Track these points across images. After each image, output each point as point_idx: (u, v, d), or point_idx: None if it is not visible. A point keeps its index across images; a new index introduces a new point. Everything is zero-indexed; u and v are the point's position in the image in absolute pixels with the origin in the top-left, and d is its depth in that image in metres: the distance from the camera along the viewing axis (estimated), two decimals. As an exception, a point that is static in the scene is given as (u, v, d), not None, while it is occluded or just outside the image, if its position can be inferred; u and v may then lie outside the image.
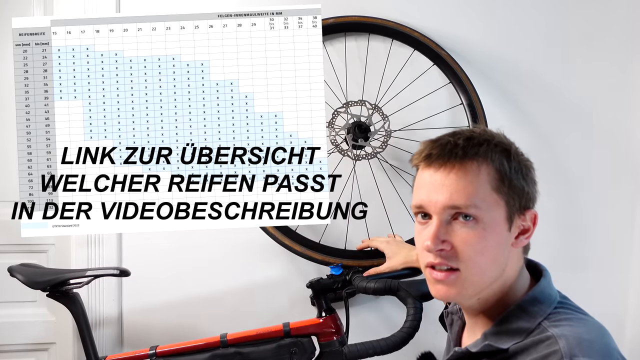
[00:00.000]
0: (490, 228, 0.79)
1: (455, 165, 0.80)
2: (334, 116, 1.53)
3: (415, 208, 0.84)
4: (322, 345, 1.35)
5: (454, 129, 0.90)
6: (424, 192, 0.82)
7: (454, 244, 0.79)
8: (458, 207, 0.79)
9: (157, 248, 1.57)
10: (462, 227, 0.79)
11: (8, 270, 1.39)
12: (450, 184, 0.80)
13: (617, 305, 1.72)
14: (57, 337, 1.63)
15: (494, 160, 0.81)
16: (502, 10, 1.64)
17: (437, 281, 0.81)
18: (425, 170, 0.83)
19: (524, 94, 1.66)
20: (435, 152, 0.82)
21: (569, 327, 0.76)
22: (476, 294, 0.82)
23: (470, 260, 0.79)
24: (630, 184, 1.71)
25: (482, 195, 0.79)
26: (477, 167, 0.80)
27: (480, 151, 0.81)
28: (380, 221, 1.59)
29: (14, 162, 1.59)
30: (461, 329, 0.95)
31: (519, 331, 0.79)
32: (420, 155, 0.84)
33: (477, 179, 0.80)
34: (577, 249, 1.71)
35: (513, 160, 0.82)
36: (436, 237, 0.79)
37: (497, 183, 0.80)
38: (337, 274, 1.42)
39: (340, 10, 1.57)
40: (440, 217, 0.80)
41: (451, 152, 0.81)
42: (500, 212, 0.80)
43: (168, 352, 1.34)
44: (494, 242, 0.80)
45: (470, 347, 0.83)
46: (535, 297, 0.82)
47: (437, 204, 0.80)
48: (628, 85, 1.69)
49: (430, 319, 1.31)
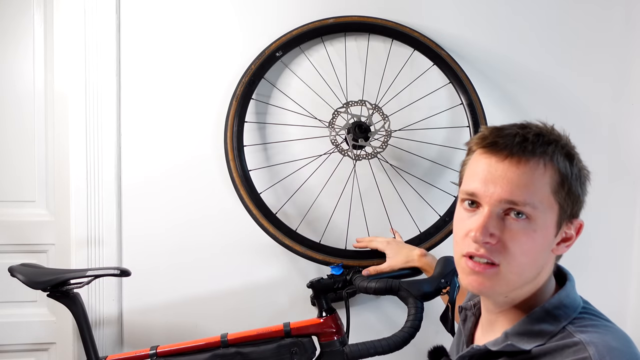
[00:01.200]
0: (541, 230, 0.78)
1: (522, 160, 0.77)
2: (334, 116, 1.53)
3: (466, 194, 0.81)
4: (323, 345, 1.35)
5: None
6: (481, 180, 0.78)
7: (502, 238, 0.77)
8: (515, 202, 0.76)
9: (157, 248, 1.57)
10: (514, 223, 0.77)
11: (8, 270, 1.39)
12: (513, 177, 0.76)
13: (617, 305, 1.72)
14: (57, 337, 1.62)
15: (558, 162, 0.78)
16: (502, 10, 1.65)
17: (474, 272, 0.79)
18: (485, 157, 0.79)
19: (524, 94, 1.67)
20: (502, 141, 0.78)
21: (596, 334, 0.75)
22: (508, 292, 0.81)
23: (514, 258, 0.77)
24: (630, 184, 1.72)
25: (541, 196, 0.77)
26: (543, 167, 0.77)
27: (549, 150, 0.78)
28: (380, 221, 1.59)
29: (15, 162, 1.61)
30: (474, 325, 0.94)
31: (542, 333, 0.78)
32: (484, 141, 0.80)
33: (541, 177, 0.77)
34: (577, 249, 1.70)
35: (575, 166, 0.80)
36: (485, 228, 0.76)
37: (557, 186, 0.78)
38: (338, 273, 1.42)
39: (340, 10, 1.57)
40: (493, 209, 0.77)
41: (520, 145, 0.77)
42: (553, 216, 0.79)
43: (168, 352, 1.34)
44: (540, 245, 0.78)
45: (489, 345, 0.82)
46: (561, 300, 0.81)
47: (493, 195, 0.77)
48: (628, 85, 1.69)
49: (431, 318, 1.31)
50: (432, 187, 1.61)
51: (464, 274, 0.81)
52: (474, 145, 0.82)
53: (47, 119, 1.61)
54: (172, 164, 1.57)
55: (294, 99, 1.58)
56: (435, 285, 1.23)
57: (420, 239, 1.53)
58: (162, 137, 1.56)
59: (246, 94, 1.50)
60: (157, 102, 1.56)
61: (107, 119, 1.54)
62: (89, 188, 1.54)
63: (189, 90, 1.56)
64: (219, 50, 1.56)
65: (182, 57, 1.56)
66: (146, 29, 1.55)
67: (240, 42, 1.57)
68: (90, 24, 1.52)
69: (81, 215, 1.54)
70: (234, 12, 1.57)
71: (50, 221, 1.62)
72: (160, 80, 1.56)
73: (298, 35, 1.54)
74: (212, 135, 1.56)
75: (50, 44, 1.59)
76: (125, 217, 1.56)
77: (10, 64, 1.60)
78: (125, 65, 1.54)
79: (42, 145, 1.61)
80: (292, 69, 1.59)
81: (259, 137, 1.58)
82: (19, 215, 1.61)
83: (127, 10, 1.54)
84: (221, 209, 1.57)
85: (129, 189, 1.56)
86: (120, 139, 1.55)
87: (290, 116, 1.58)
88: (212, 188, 1.57)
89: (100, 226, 1.55)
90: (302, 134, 1.58)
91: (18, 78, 1.60)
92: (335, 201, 1.58)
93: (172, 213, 1.57)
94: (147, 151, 1.56)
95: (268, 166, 1.58)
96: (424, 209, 1.60)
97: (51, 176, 1.62)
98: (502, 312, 0.85)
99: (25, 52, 1.59)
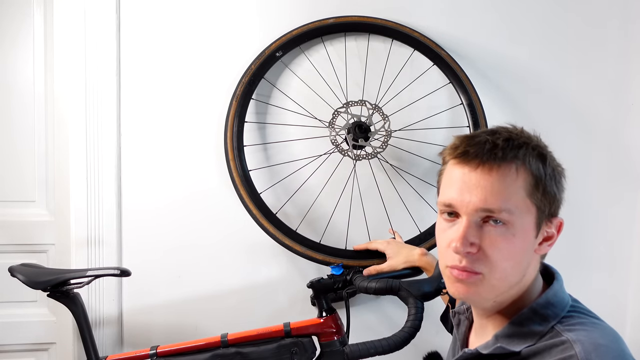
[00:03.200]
0: (520, 234, 0.78)
1: (494, 167, 0.77)
2: (334, 116, 1.53)
3: (443, 206, 0.81)
4: (323, 345, 1.35)
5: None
6: (456, 190, 0.79)
7: (482, 247, 0.77)
8: (491, 210, 0.76)
9: (157, 248, 1.57)
10: (492, 230, 0.77)
11: (9, 270, 1.39)
12: (486, 185, 0.77)
13: (617, 305, 1.72)
14: (58, 337, 1.63)
15: (531, 165, 0.78)
16: (502, 10, 1.64)
17: (458, 280, 0.79)
18: (459, 167, 0.80)
19: (524, 94, 1.66)
20: (472, 150, 0.78)
21: (583, 331, 0.75)
22: (494, 297, 0.81)
23: (496, 265, 0.77)
24: (629, 184, 1.71)
25: (516, 201, 0.77)
26: (515, 171, 0.78)
27: (519, 154, 0.78)
28: (380, 221, 1.59)
29: (15, 162, 1.61)
30: (468, 329, 0.94)
31: (532, 334, 0.78)
32: (455, 151, 0.81)
33: (514, 183, 0.77)
34: (577, 249, 1.71)
35: (548, 165, 0.81)
36: (465, 238, 0.77)
37: (532, 189, 0.78)
38: (338, 273, 1.42)
39: (340, 10, 1.57)
40: (471, 219, 0.78)
41: (490, 152, 0.77)
42: (531, 218, 0.79)
43: (169, 352, 1.34)
44: (521, 248, 0.79)
45: (480, 348, 0.82)
46: (549, 300, 0.81)
47: (469, 205, 0.77)
48: (627, 85, 1.69)
49: (432, 318, 1.31)
50: (432, 187, 1.61)
51: (449, 282, 0.82)
52: (447, 155, 0.83)
53: (47, 119, 1.61)
54: (172, 164, 1.57)
55: (294, 99, 1.58)
56: (435, 285, 1.23)
57: (420, 239, 1.53)
58: (162, 137, 1.56)
59: (246, 94, 1.50)
60: (157, 102, 1.56)
61: (107, 119, 1.54)
62: (89, 188, 1.54)
63: (189, 90, 1.56)
64: (219, 50, 1.56)
65: (182, 57, 1.56)
66: (146, 29, 1.55)
67: (240, 42, 1.57)
68: (90, 24, 1.52)
69: (81, 215, 1.54)
70: (234, 12, 1.57)
71: (50, 221, 1.62)
72: (160, 80, 1.56)
73: (298, 35, 1.54)
74: (212, 135, 1.56)
75: (50, 44, 1.59)
76: (125, 217, 1.56)
77: (10, 64, 1.60)
78: (125, 65, 1.54)
79: (42, 145, 1.61)
80: (292, 69, 1.59)
81: (259, 137, 1.58)
82: (19, 215, 1.61)
83: (127, 10, 1.54)
84: (221, 209, 1.57)
85: (129, 189, 1.56)
86: (120, 139, 1.55)
87: (290, 116, 1.58)
88: (212, 188, 1.57)
89: (100, 226, 1.55)
90: (302, 134, 1.58)
91: (18, 78, 1.60)
92: (335, 201, 1.58)
93: (172, 213, 1.57)
94: (147, 151, 1.56)
95: (268, 166, 1.58)
96: (424, 209, 1.60)
97: (51, 176, 1.62)
98: (491, 316, 0.85)
99: (25, 52, 1.59)
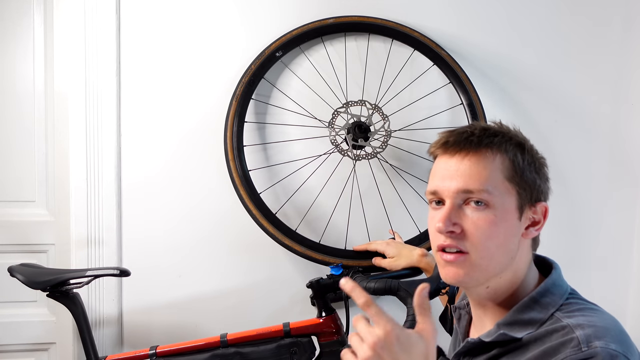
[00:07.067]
0: (501, 214, 0.82)
1: (470, 152, 0.83)
2: (334, 116, 1.53)
3: (430, 194, 0.87)
4: (322, 345, 1.35)
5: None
6: (439, 177, 0.85)
7: (465, 227, 0.82)
8: (471, 191, 0.81)
9: (157, 248, 1.57)
10: (474, 211, 0.82)
11: (8, 270, 1.39)
12: (465, 169, 0.82)
13: (617, 305, 1.72)
14: (57, 337, 1.62)
15: (507, 152, 0.84)
16: (502, 10, 1.64)
17: (447, 263, 0.83)
18: (441, 157, 0.86)
19: (524, 94, 1.66)
20: (451, 139, 0.85)
21: (582, 317, 0.78)
22: (485, 281, 0.84)
23: (479, 243, 0.81)
24: (630, 184, 1.71)
25: (494, 182, 0.82)
26: (492, 155, 0.83)
27: (495, 141, 0.84)
28: (380, 221, 1.59)
29: (15, 162, 1.61)
30: (468, 323, 0.96)
31: (532, 322, 0.81)
32: (438, 144, 0.87)
33: (491, 165, 0.83)
34: (577, 248, 1.71)
35: (527, 154, 0.85)
36: (447, 218, 0.82)
37: (510, 173, 0.83)
38: (337, 273, 1.42)
39: (340, 10, 1.57)
40: (453, 201, 0.83)
41: (467, 139, 0.84)
42: (512, 200, 0.83)
43: (168, 352, 1.34)
44: (504, 229, 0.82)
45: (483, 336, 0.84)
46: (547, 288, 0.84)
47: (450, 188, 0.83)
48: (628, 85, 1.69)
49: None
50: (432, 187, 1.61)
51: (441, 267, 0.86)
52: (433, 149, 0.89)
53: (47, 119, 1.61)
54: (172, 164, 1.57)
55: (293, 99, 1.58)
56: (434, 286, 1.23)
57: (420, 239, 1.53)
58: (162, 137, 1.56)
59: (246, 94, 1.50)
60: (157, 102, 1.56)
61: (107, 119, 1.54)
62: (89, 188, 1.54)
63: (189, 90, 1.56)
64: (218, 50, 1.56)
65: (182, 57, 1.56)
66: (146, 29, 1.55)
67: (240, 42, 1.57)
68: (90, 24, 1.52)
69: (81, 215, 1.54)
70: (234, 12, 1.57)
71: (50, 221, 1.62)
72: (160, 81, 1.56)
73: (298, 35, 1.54)
74: (212, 135, 1.56)
75: (50, 44, 1.59)
76: (125, 217, 1.56)
77: (10, 64, 1.60)
78: (125, 65, 1.55)
79: (42, 145, 1.61)
80: (292, 69, 1.59)
81: (259, 137, 1.58)
82: (19, 215, 1.61)
83: (127, 10, 1.54)
84: (221, 209, 1.57)
85: (129, 189, 1.56)
86: (120, 139, 1.55)
87: (290, 116, 1.58)
88: (212, 188, 1.57)
89: (100, 226, 1.55)
90: (301, 134, 1.58)
91: (18, 78, 1.60)
92: (335, 201, 1.57)
93: (172, 213, 1.57)
94: (147, 151, 1.56)
95: (268, 166, 1.58)
96: (424, 209, 1.58)
97: (51, 176, 1.62)
98: (489, 307, 0.87)
99: (25, 52, 1.59)
